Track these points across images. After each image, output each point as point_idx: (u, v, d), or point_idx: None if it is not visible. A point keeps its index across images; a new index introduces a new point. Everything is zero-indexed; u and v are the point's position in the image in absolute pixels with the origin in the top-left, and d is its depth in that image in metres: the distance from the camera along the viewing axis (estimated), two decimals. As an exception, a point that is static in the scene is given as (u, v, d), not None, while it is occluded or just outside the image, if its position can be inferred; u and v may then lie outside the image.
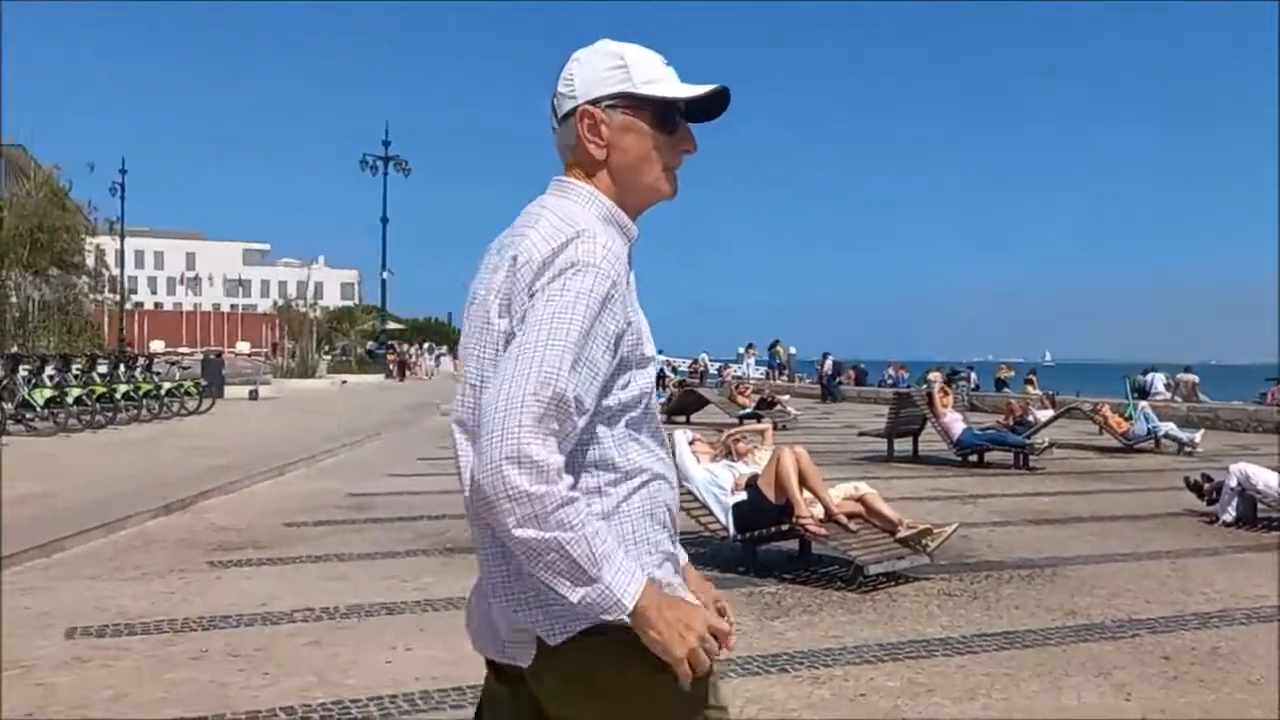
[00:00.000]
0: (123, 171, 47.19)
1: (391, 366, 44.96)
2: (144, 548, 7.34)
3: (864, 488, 6.90)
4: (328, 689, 4.28)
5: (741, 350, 41.77)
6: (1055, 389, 23.12)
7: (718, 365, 45.40)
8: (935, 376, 25.11)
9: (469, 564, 6.85)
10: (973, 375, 31.79)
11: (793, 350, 42.12)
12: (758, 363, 40.39)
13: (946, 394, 14.61)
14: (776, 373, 38.74)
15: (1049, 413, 17.03)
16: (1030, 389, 26.09)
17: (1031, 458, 13.38)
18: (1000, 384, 31.50)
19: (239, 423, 18.18)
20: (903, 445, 14.40)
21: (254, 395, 25.56)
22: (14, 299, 23.84)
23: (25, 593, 5.92)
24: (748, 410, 20.52)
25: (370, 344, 48.26)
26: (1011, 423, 14.67)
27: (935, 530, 6.60)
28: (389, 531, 8.11)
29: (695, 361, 46.39)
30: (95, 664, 4.60)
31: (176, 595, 5.92)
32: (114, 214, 40.11)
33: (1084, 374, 43.75)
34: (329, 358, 42.80)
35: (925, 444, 14.46)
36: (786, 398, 23.93)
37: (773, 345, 40.70)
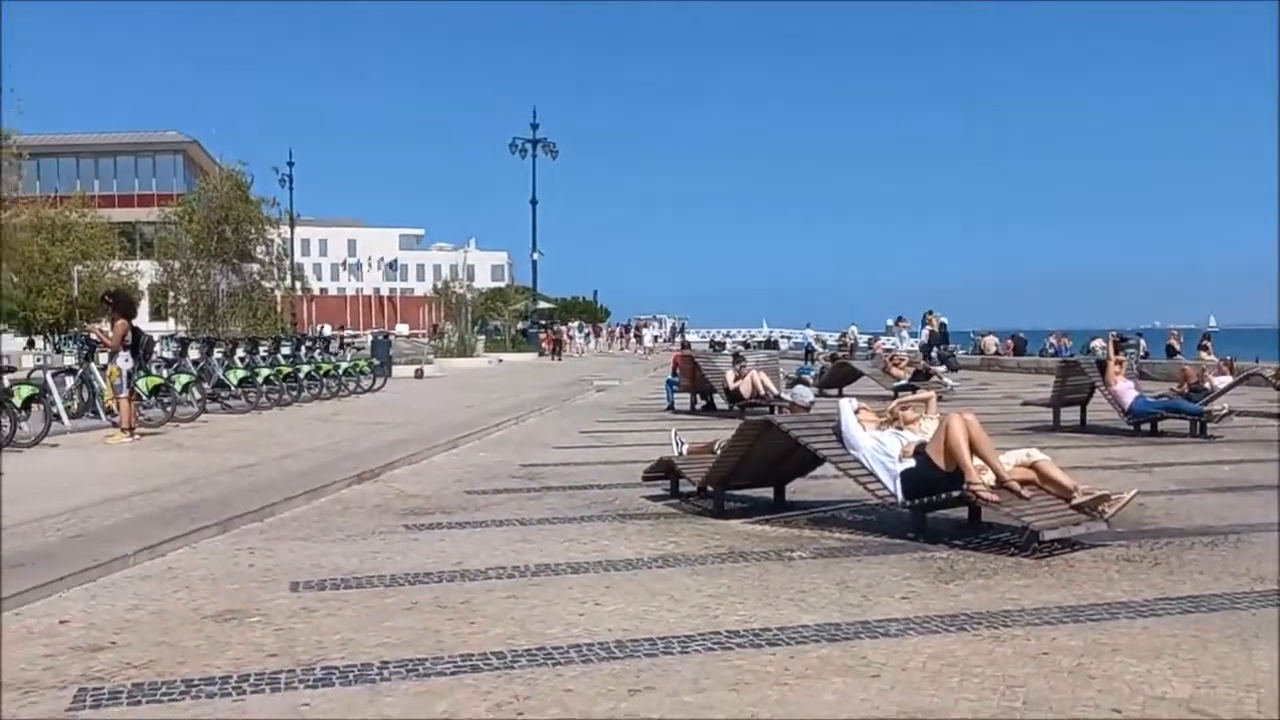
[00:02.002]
0: (290, 164, 49.81)
1: (545, 345, 46.14)
2: (344, 512, 7.94)
3: (1037, 454, 6.85)
4: (530, 638, 4.63)
5: (891, 323, 41.03)
6: (1232, 354, 21.94)
7: (867, 338, 44.72)
8: (1100, 344, 24.17)
9: (640, 528, 7.20)
10: (1142, 342, 30.42)
11: (944, 320, 41.12)
12: (910, 334, 39.60)
13: (1120, 362, 14.13)
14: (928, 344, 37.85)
15: (1227, 379, 16.22)
16: (1205, 355, 24.82)
17: (1209, 426, 12.84)
18: (1171, 350, 30.04)
19: (409, 399, 19.13)
20: (1069, 415, 14.03)
21: (420, 374, 26.77)
22: (205, 287, 25.69)
23: (249, 552, 6.53)
24: (903, 382, 20.26)
25: (523, 323, 49.61)
26: (1186, 390, 14.07)
27: (1113, 497, 6.52)
28: (563, 498, 8.51)
29: (844, 335, 45.83)
30: (321, 613, 5.08)
31: (381, 554, 6.43)
32: (284, 205, 42.41)
33: (1248, 339, 41.26)
34: (484, 337, 44.30)
35: (1092, 413, 14.04)
36: (942, 369, 23.50)
37: (926, 316, 39.83)
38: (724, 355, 20.02)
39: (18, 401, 11.55)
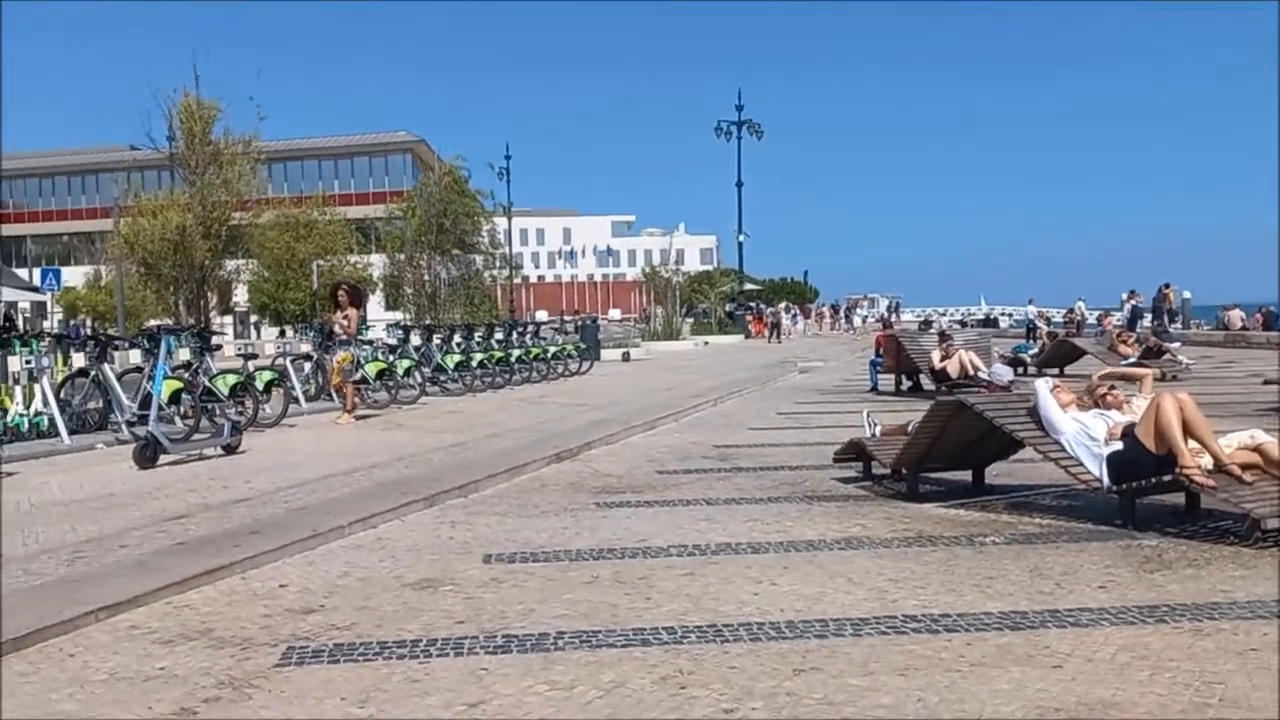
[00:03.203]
0: (507, 158, 51.96)
1: (752, 327, 46.12)
2: (541, 490, 8.26)
3: (1261, 436, 6.28)
4: (702, 614, 4.69)
5: (1124, 296, 38.44)
6: None
7: (1097, 314, 42.05)
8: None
9: (827, 510, 7.11)
10: None
11: (1187, 295, 38.18)
12: (1142, 308, 36.94)
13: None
14: (1156, 319, 35.16)
15: None
16: None
17: None
18: None
19: (613, 382, 19.61)
20: (1320, 395, 12.73)
21: (626, 357, 27.38)
22: (428, 277, 27.28)
23: (450, 525, 6.92)
24: (1131, 360, 18.98)
25: (729, 305, 49.72)
26: None
27: (1352, 484, 5.89)
28: (751, 479, 8.52)
29: (1071, 311, 43.29)
30: (508, 584, 5.33)
31: (570, 530, 6.67)
32: (501, 198, 44.30)
33: None
34: (691, 320, 44.72)
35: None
36: (1176, 345, 21.82)
37: (1162, 289, 37.07)
38: (930, 334, 19.35)
39: (260, 385, 12.67)
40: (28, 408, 11.22)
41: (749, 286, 58.10)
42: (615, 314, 63.54)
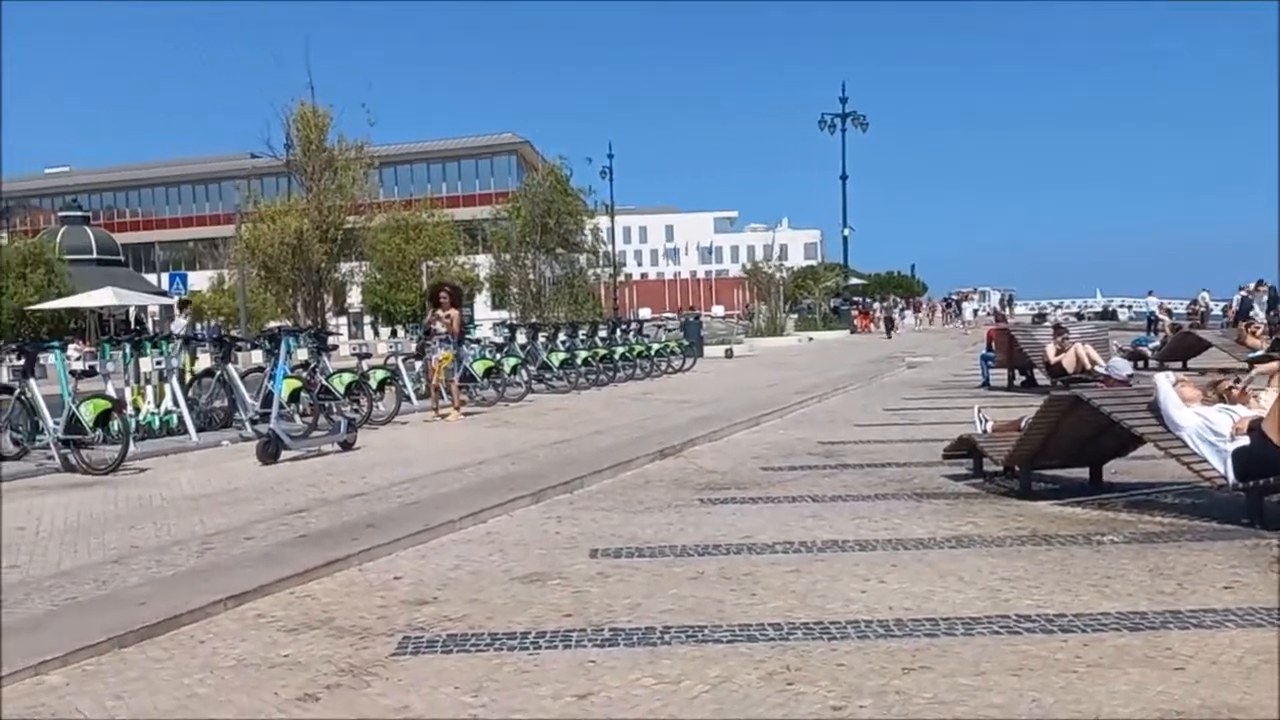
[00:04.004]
0: (609, 156, 52.29)
1: (858, 322, 45.51)
2: (645, 486, 8.32)
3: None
4: (809, 611, 4.67)
5: (1251, 287, 36.61)
6: None
7: (1222, 305, 40.15)
8: None
9: (936, 508, 6.99)
10: None
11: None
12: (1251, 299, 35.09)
13: None
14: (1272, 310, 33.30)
15: None
16: None
17: None
18: None
19: (717, 379, 19.59)
20: None
21: (729, 354, 27.31)
22: (533, 276, 27.72)
23: (557, 520, 7.03)
24: (1259, 353, 18.09)
25: (834, 300, 49.13)
26: None
27: None
28: (858, 476, 8.42)
29: (1194, 302, 41.45)
30: (614, 579, 5.40)
31: (675, 526, 6.70)
32: (603, 196, 44.65)
33: None
34: (795, 316, 44.34)
35: None
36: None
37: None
38: (1044, 328, 18.79)
39: (374, 384, 13.06)
40: (158, 407, 11.80)
41: (854, 281, 57.28)
42: (718, 310, 63.35)
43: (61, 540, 6.46)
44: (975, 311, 66.97)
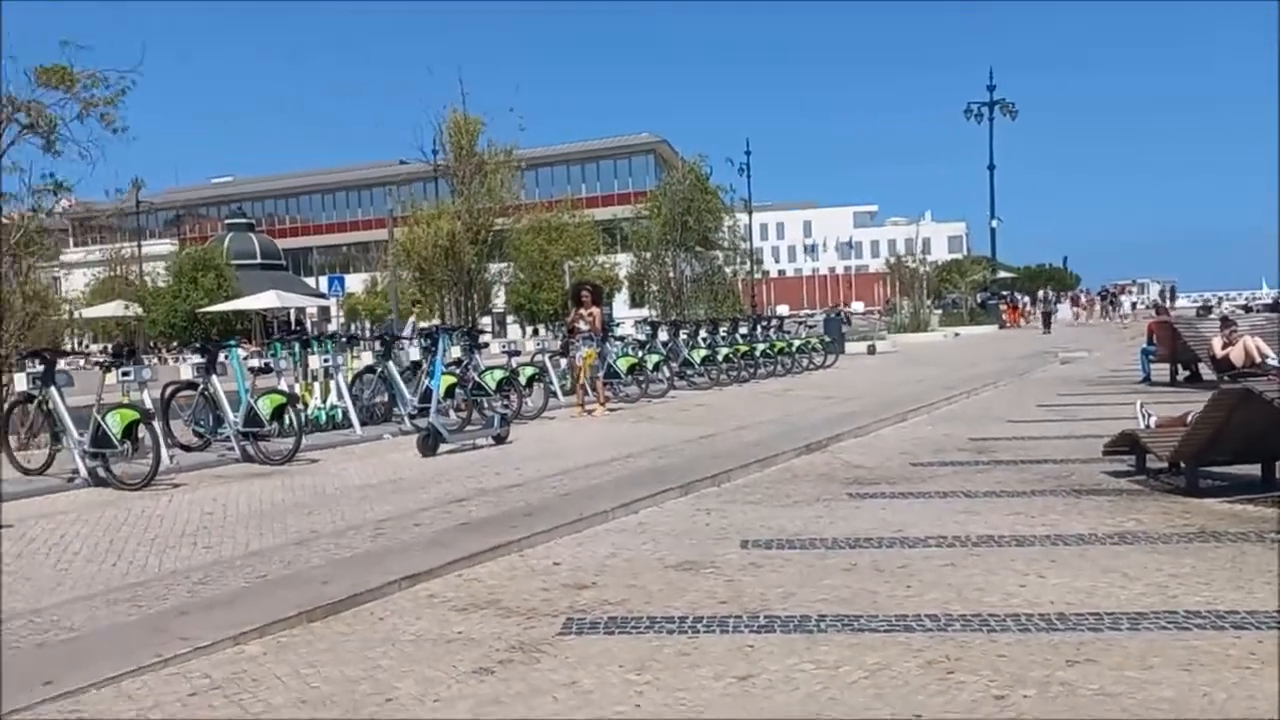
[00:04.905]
0: (747, 153, 52.24)
1: (1007, 317, 44.12)
2: (791, 480, 8.37)
3: None
4: (966, 604, 4.66)
5: None
6: None
7: None
8: None
9: (1097, 504, 6.83)
10: None
11: None
12: None
13: None
14: None
15: None
16: None
17: None
18: None
19: (860, 375, 19.37)
20: None
21: (872, 350, 26.91)
22: (672, 274, 27.92)
23: (706, 512, 7.15)
24: None
25: (981, 295, 47.73)
26: None
27: None
28: (1012, 472, 8.25)
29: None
30: (767, 569, 5.48)
31: (824, 519, 6.74)
32: (741, 193, 44.59)
33: None
34: (940, 311, 43.28)
35: None
36: None
37: None
38: (1209, 320, 17.85)
39: (523, 380, 13.48)
40: (324, 402, 12.48)
41: (1002, 274, 55.47)
42: (858, 306, 62.44)
43: (247, 524, 6.95)
44: (1133, 304, 63.97)
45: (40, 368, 8.89)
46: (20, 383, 9.23)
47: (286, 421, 10.07)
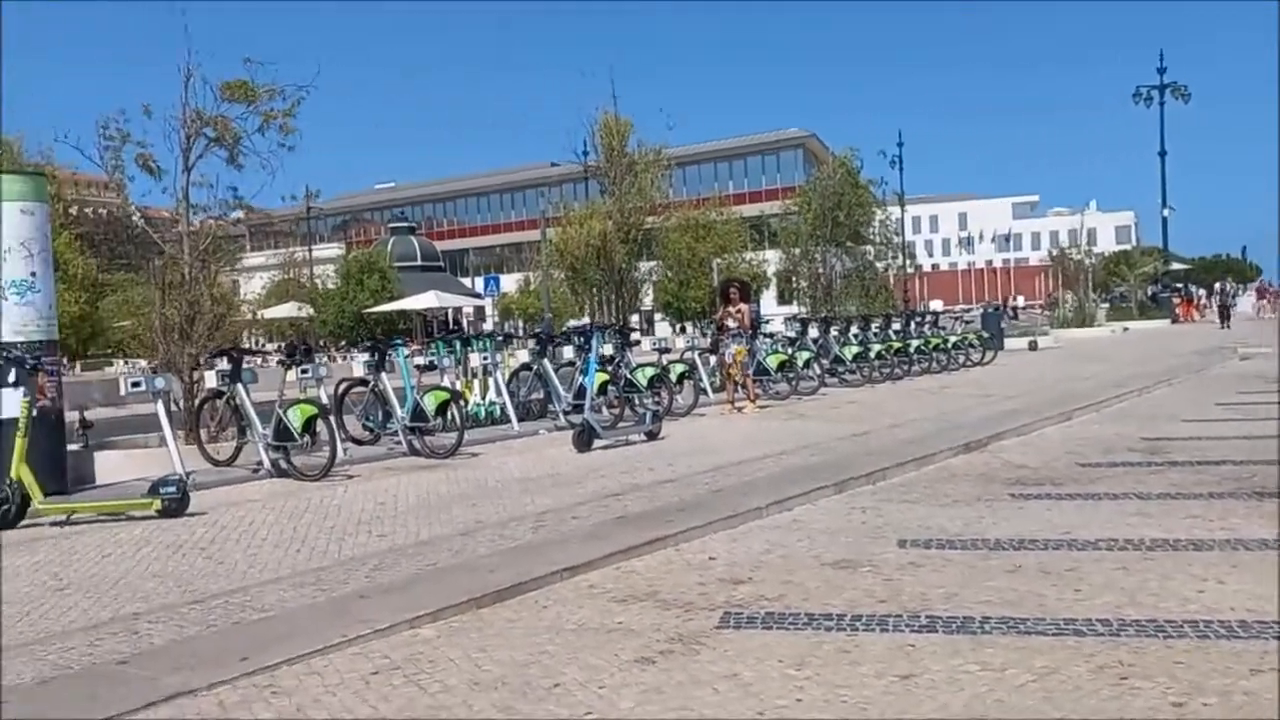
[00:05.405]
0: (899, 145, 51.09)
1: (1180, 311, 41.77)
2: (950, 480, 8.19)
3: None
4: (1139, 609, 4.48)
5: None
6: None
7: None
8: None
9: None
10: None
11: None
12: None
13: None
14: None
15: None
16: None
17: None
18: None
19: (1020, 371, 18.71)
20: None
21: (1033, 346, 25.94)
22: (822, 270, 27.67)
23: (861, 511, 7.08)
24: None
25: (1152, 287, 45.30)
26: None
27: None
28: (1188, 474, 7.85)
29: None
30: (926, 569, 5.41)
31: (985, 520, 6.58)
32: (893, 186, 43.69)
33: None
34: (1106, 305, 41.33)
35: None
36: None
37: None
38: None
39: (673, 377, 13.61)
40: (483, 398, 12.93)
41: (1175, 266, 52.47)
42: (1019, 300, 60.22)
43: (416, 514, 7.30)
44: (1322, 296, 59.42)
45: (228, 366, 9.53)
46: (210, 380, 9.92)
47: (450, 417, 10.49)
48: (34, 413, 7.51)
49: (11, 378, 7.73)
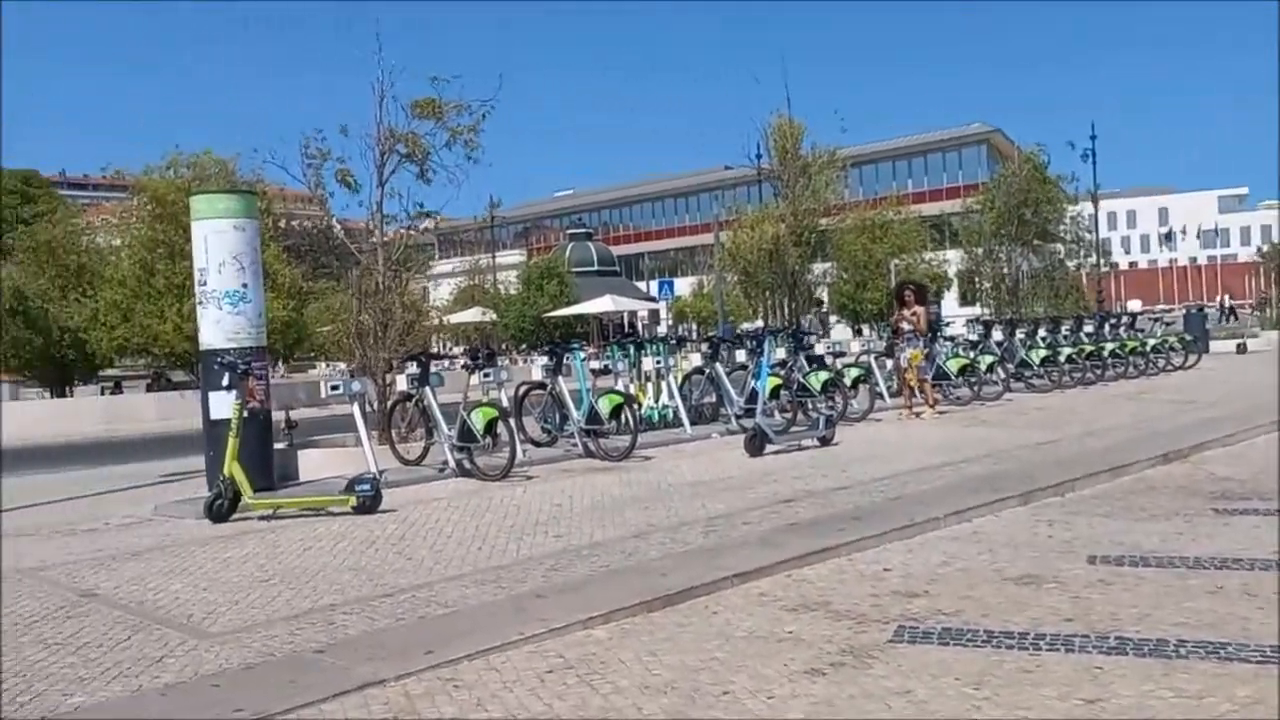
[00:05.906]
0: (1092, 138, 48.45)
1: None
2: (1147, 491, 7.73)
3: None
4: (1361, 639, 4.12)
5: None
6: None
7: None
8: None
9: None
10: None
11: None
12: None
13: None
14: None
15: None
16: None
17: None
18: None
19: (1226, 376, 17.46)
20: None
21: (1242, 349, 24.17)
22: (1007, 270, 26.56)
23: (1048, 524, 6.78)
24: None
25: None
26: None
27: None
28: None
29: None
30: (1118, 587, 5.13)
31: (1185, 536, 6.18)
32: (1085, 181, 41.50)
33: None
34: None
35: None
36: None
37: None
38: None
39: (848, 381, 13.38)
40: (656, 401, 13.08)
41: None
42: (1225, 300, 56.09)
43: (590, 516, 7.46)
44: None
45: (417, 370, 10.01)
46: (400, 383, 10.44)
47: (624, 420, 10.67)
48: (245, 414, 8.11)
49: (225, 382, 8.38)
